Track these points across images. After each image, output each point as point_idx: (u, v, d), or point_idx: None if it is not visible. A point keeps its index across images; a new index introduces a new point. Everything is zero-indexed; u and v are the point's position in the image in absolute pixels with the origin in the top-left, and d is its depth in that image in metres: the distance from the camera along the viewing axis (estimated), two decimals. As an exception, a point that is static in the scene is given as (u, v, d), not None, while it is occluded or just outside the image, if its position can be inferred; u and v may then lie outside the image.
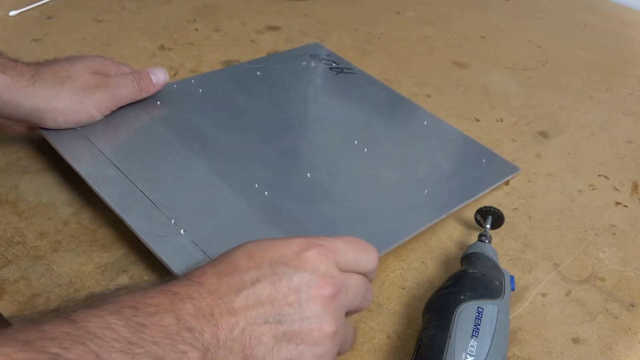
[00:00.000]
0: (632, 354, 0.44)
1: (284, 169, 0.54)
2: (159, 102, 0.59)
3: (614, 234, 0.53)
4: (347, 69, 0.71)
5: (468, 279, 0.42)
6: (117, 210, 0.47)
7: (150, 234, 0.46)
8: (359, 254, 0.38)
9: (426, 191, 0.54)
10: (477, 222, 0.51)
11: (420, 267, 0.49)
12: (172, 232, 0.46)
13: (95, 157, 0.52)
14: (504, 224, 0.51)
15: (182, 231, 0.46)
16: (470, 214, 0.53)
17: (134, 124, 0.56)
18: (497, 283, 0.42)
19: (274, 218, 0.49)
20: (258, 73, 0.67)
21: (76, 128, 0.54)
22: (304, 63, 0.70)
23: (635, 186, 0.59)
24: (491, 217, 0.50)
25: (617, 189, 0.58)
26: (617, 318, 0.46)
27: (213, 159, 0.54)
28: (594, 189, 0.58)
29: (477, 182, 0.57)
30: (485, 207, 0.51)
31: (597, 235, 0.53)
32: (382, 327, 0.44)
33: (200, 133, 0.56)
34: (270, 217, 0.49)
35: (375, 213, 0.51)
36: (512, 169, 0.59)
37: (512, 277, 0.44)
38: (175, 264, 0.43)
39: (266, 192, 0.51)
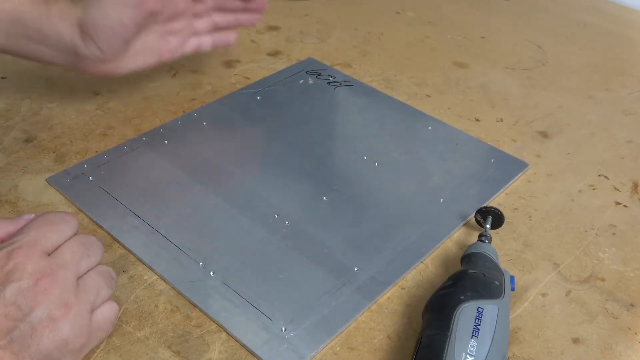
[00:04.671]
0: (632, 354, 0.44)
1: (300, 194, 0.54)
2: (166, 142, 0.59)
3: (614, 234, 0.53)
4: (345, 81, 0.71)
5: (468, 279, 0.42)
6: (145, 260, 0.47)
7: (182, 280, 0.46)
8: (57, 228, 0.39)
9: (442, 200, 0.54)
10: (477, 222, 0.51)
11: (420, 267, 0.49)
12: (202, 275, 0.46)
13: (113, 207, 0.51)
14: (504, 224, 0.51)
15: (211, 273, 0.46)
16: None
17: (145, 167, 0.56)
18: (497, 283, 0.42)
19: (299, 247, 0.49)
20: (258, 98, 0.67)
21: (89, 178, 0.54)
22: (302, 81, 0.70)
23: (635, 186, 0.59)
24: (491, 217, 0.50)
25: (617, 189, 0.58)
26: (617, 318, 0.46)
27: (229, 194, 0.54)
28: (594, 189, 0.58)
29: (491, 183, 0.57)
30: (485, 207, 0.51)
31: (597, 235, 0.53)
32: (382, 327, 0.44)
33: (212, 168, 0.56)
34: (296, 247, 0.49)
35: (396, 230, 0.51)
36: (521, 165, 0.60)
37: (512, 277, 0.44)
38: (214, 311, 0.44)
39: (287, 222, 0.51)
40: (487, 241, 0.48)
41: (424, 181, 0.57)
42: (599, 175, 0.60)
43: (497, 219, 0.50)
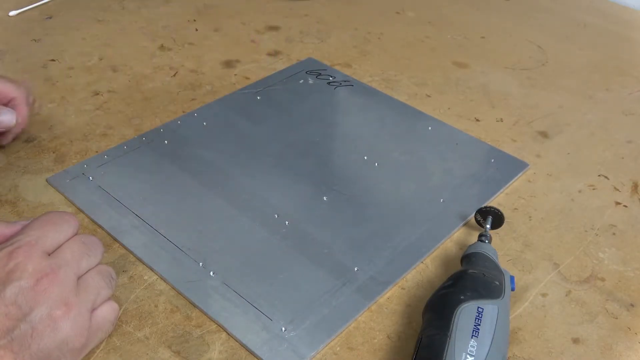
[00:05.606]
0: (632, 354, 0.44)
1: (300, 194, 0.54)
2: (166, 142, 0.59)
3: (614, 234, 0.53)
4: (345, 81, 0.71)
5: (468, 279, 0.42)
6: (145, 259, 0.47)
7: (182, 280, 0.46)
8: (58, 228, 0.39)
9: (442, 200, 0.54)
10: (477, 222, 0.51)
11: (420, 267, 0.49)
12: (202, 275, 0.46)
13: (113, 207, 0.51)
14: (504, 224, 0.51)
15: (211, 273, 0.46)
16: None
17: (145, 167, 0.56)
18: (497, 283, 0.42)
19: (299, 247, 0.49)
20: (258, 97, 0.67)
21: (89, 178, 0.54)
22: (302, 81, 0.70)
23: (635, 186, 0.59)
24: (491, 217, 0.50)
25: (617, 189, 0.58)
26: (617, 318, 0.46)
27: (230, 194, 0.53)
28: (594, 189, 0.58)
29: (491, 183, 0.57)
30: (485, 207, 0.51)
31: (597, 235, 0.53)
32: (382, 327, 0.44)
33: (213, 168, 0.56)
34: (296, 247, 0.49)
35: (396, 230, 0.51)
36: (521, 165, 0.60)
37: (512, 277, 0.44)
38: (214, 311, 0.44)
39: (287, 222, 0.51)
40: (487, 241, 0.48)
41: (424, 181, 0.57)
42: (599, 175, 0.60)
43: (497, 219, 0.50)
